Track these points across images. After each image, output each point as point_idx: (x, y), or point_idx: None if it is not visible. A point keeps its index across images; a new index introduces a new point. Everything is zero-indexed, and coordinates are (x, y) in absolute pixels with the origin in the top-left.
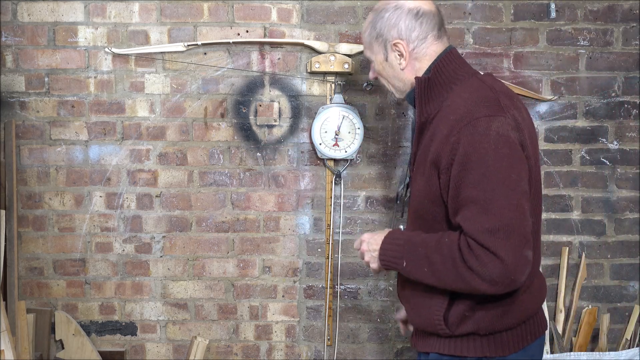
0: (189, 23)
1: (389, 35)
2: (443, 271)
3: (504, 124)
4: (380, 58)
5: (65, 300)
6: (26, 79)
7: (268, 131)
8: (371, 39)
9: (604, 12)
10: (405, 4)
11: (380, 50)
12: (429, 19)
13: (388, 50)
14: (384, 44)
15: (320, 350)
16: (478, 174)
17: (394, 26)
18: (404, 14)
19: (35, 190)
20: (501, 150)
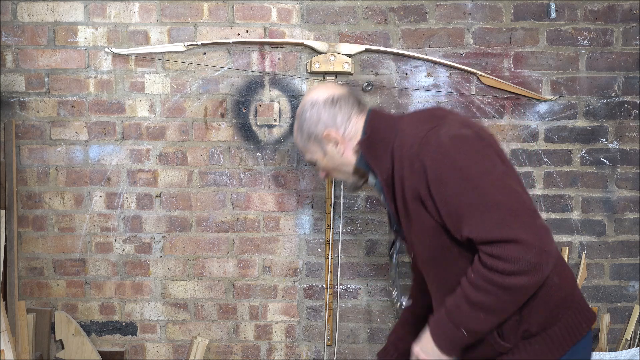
0: (189, 23)
1: (318, 131)
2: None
3: (449, 126)
4: (320, 155)
5: (65, 300)
6: (26, 79)
7: (268, 131)
8: (305, 142)
9: (604, 12)
10: (318, 97)
11: (317, 149)
12: (345, 101)
13: (323, 145)
14: (317, 140)
15: (320, 350)
16: (456, 182)
17: (317, 121)
18: (322, 106)
19: (35, 190)
20: (462, 148)
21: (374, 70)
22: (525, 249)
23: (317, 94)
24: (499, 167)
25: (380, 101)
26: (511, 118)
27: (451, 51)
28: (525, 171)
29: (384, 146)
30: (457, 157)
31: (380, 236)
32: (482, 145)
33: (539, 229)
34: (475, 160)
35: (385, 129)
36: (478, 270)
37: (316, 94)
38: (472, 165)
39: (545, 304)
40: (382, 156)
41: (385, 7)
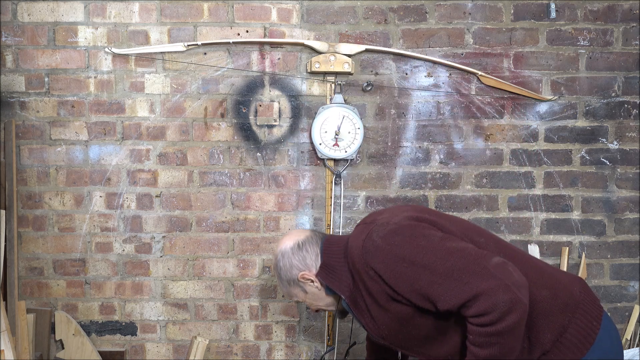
0: (189, 23)
1: (293, 275)
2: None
3: (377, 229)
4: (302, 296)
5: (65, 300)
6: (26, 79)
7: (268, 131)
8: (287, 288)
9: (604, 12)
10: (286, 247)
11: (298, 291)
12: (310, 243)
13: (302, 286)
14: (296, 284)
15: (320, 350)
16: (407, 271)
17: (290, 267)
18: (290, 254)
19: (35, 190)
20: (395, 241)
21: (374, 70)
22: (491, 295)
23: (284, 245)
24: (434, 237)
25: (380, 101)
26: (511, 118)
27: (451, 51)
28: (525, 171)
29: (339, 267)
30: (395, 251)
31: None
32: (410, 228)
33: (495, 270)
34: (410, 245)
35: (335, 251)
36: (473, 332)
37: (283, 245)
38: (411, 251)
39: (548, 319)
40: (341, 276)
41: (385, 7)
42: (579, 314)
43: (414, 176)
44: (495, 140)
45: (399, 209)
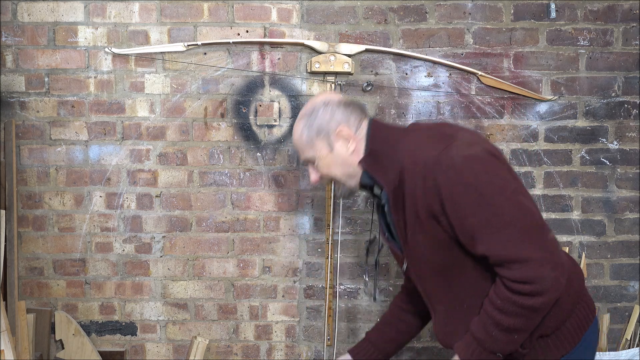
0: (189, 23)
1: (330, 127)
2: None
3: (460, 146)
4: (324, 152)
5: (65, 300)
6: (26, 79)
7: (268, 131)
8: (310, 138)
9: (604, 12)
10: (332, 98)
11: (323, 145)
12: (354, 107)
13: (332, 142)
14: (327, 137)
15: (320, 350)
16: (471, 201)
17: (331, 118)
18: (336, 106)
19: (35, 190)
20: (474, 168)
21: (374, 70)
22: (541, 267)
23: (330, 96)
24: (511, 184)
25: (380, 101)
26: (511, 118)
27: (451, 51)
28: (525, 171)
29: (389, 161)
30: (470, 178)
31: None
32: (493, 163)
33: (550, 244)
34: (487, 179)
35: (389, 144)
36: (504, 297)
37: (328, 96)
38: (485, 185)
39: (559, 306)
40: (388, 170)
41: (385, 7)
42: (581, 304)
43: None
44: (495, 140)
45: (479, 136)
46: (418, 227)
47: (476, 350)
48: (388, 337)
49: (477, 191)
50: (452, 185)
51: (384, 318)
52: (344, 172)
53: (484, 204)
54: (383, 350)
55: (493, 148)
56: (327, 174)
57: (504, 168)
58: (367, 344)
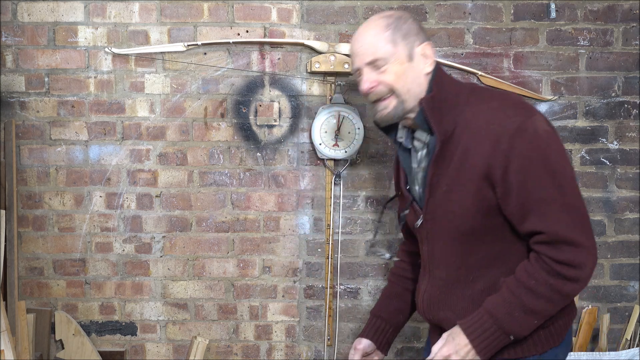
0: (189, 23)
1: (417, 39)
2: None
3: (542, 120)
4: (404, 58)
5: (65, 300)
6: (26, 79)
7: (268, 131)
8: (394, 38)
9: (604, 12)
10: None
11: (405, 50)
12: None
13: (414, 51)
14: (412, 44)
15: (320, 350)
16: (544, 175)
17: (419, 32)
18: (418, 26)
19: (35, 190)
20: (554, 146)
21: None
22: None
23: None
24: (573, 173)
25: None
26: None
27: (451, 51)
28: None
29: (450, 111)
30: (550, 153)
31: (380, 236)
32: (563, 148)
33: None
34: (562, 159)
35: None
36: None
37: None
38: (560, 164)
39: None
40: (445, 119)
41: (385, 7)
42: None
43: None
44: None
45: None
46: (460, 186)
47: (490, 329)
48: (395, 308)
49: (552, 167)
50: (529, 155)
51: (386, 291)
52: (409, 89)
53: (555, 181)
54: (394, 323)
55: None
56: (391, 83)
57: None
58: (377, 320)
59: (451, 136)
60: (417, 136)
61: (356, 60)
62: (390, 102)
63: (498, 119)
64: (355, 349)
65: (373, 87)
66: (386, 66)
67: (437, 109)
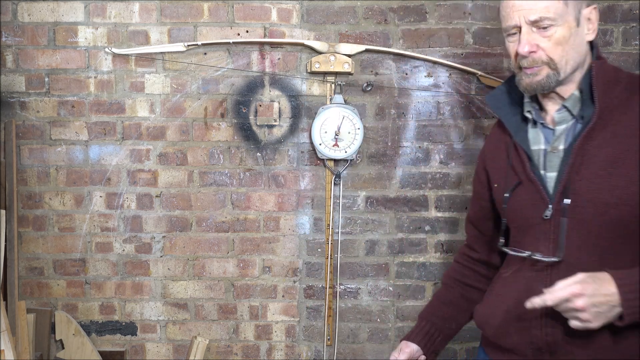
0: (189, 23)
1: (584, 3)
2: None
3: None
4: (572, 22)
5: (65, 300)
6: (26, 79)
7: (268, 131)
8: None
9: (604, 12)
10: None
11: (574, 14)
12: None
13: (581, 16)
14: (579, 7)
15: (320, 350)
16: None
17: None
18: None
19: (35, 190)
20: None
21: (374, 70)
22: None
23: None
24: None
25: (380, 101)
26: None
27: (451, 51)
28: None
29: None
30: None
31: (380, 236)
32: None
33: None
34: None
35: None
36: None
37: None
38: None
39: None
40: (615, 89)
41: (385, 7)
42: None
43: (414, 176)
44: None
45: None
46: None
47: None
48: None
49: None
50: None
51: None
52: (569, 60)
53: None
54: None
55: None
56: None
57: None
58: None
59: (615, 110)
60: (567, 105)
61: (515, 15)
62: (542, 70)
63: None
64: (402, 350)
65: (533, 51)
66: (553, 28)
67: (605, 77)
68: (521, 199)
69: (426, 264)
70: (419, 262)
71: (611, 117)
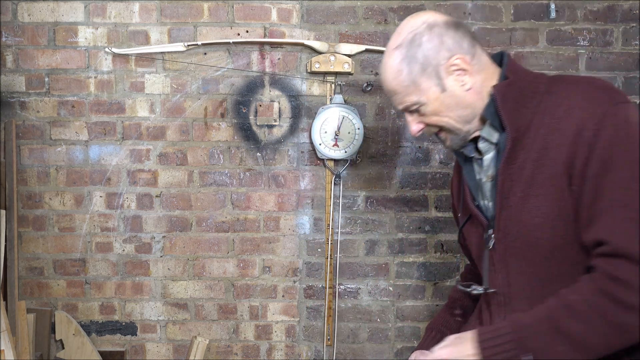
0: (189, 23)
1: (440, 58)
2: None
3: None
4: (434, 93)
5: (65, 300)
6: (26, 79)
7: (268, 131)
8: (414, 77)
9: (604, 12)
10: (436, 19)
11: (431, 84)
12: (465, 29)
13: (444, 78)
14: (436, 72)
15: (320, 350)
16: (626, 172)
17: (440, 46)
18: (444, 27)
19: (35, 190)
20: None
21: (374, 70)
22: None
23: (432, 16)
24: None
25: (380, 101)
26: None
27: None
28: None
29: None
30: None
31: (380, 236)
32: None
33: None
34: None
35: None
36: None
37: (430, 16)
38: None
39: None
40: (521, 110)
41: (385, 7)
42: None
43: (414, 176)
44: None
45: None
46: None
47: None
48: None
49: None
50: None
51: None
52: (459, 116)
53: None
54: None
55: None
56: (436, 123)
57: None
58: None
59: (527, 131)
60: (483, 135)
61: (393, 102)
62: (445, 135)
63: (584, 104)
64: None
65: (421, 129)
66: (422, 108)
67: (511, 99)
68: (471, 231)
69: (426, 264)
70: (419, 262)
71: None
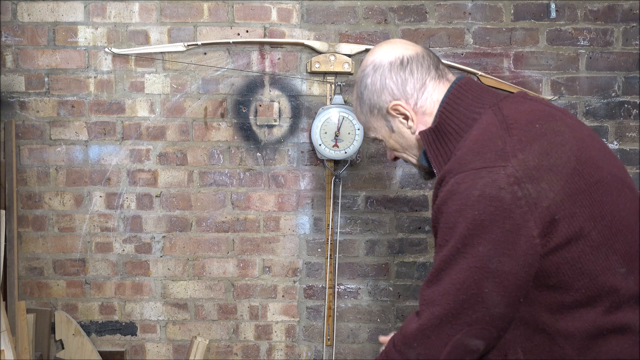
0: (189, 23)
1: (382, 102)
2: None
3: (497, 179)
4: (386, 133)
5: (65, 300)
6: (26, 79)
7: (268, 131)
8: (366, 116)
9: (604, 12)
10: (383, 59)
11: (381, 124)
12: (418, 63)
13: (390, 120)
14: (382, 114)
15: (320, 350)
16: (441, 238)
17: (382, 89)
18: (387, 70)
19: (35, 190)
20: (479, 216)
21: None
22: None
23: (382, 54)
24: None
25: None
26: None
27: (451, 51)
28: None
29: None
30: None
31: (380, 236)
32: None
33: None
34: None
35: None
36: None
37: (381, 54)
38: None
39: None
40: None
41: (385, 7)
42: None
43: (414, 176)
44: None
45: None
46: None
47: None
48: None
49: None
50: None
51: None
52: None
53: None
54: None
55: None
56: (398, 156)
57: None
58: None
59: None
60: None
61: None
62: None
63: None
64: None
65: (393, 157)
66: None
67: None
68: None
69: (426, 264)
70: (419, 262)
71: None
